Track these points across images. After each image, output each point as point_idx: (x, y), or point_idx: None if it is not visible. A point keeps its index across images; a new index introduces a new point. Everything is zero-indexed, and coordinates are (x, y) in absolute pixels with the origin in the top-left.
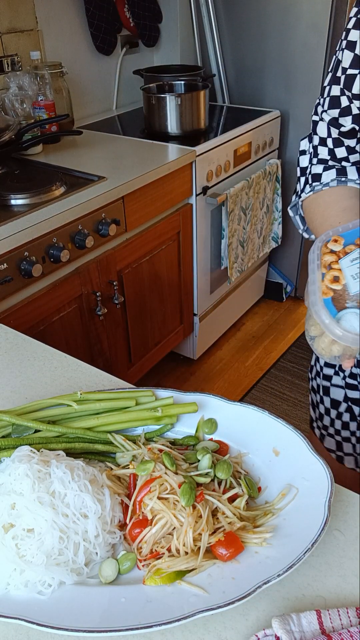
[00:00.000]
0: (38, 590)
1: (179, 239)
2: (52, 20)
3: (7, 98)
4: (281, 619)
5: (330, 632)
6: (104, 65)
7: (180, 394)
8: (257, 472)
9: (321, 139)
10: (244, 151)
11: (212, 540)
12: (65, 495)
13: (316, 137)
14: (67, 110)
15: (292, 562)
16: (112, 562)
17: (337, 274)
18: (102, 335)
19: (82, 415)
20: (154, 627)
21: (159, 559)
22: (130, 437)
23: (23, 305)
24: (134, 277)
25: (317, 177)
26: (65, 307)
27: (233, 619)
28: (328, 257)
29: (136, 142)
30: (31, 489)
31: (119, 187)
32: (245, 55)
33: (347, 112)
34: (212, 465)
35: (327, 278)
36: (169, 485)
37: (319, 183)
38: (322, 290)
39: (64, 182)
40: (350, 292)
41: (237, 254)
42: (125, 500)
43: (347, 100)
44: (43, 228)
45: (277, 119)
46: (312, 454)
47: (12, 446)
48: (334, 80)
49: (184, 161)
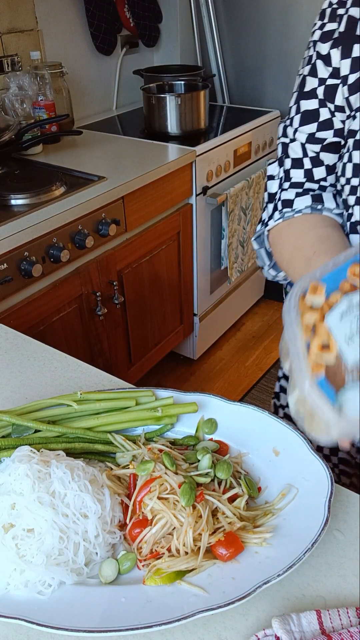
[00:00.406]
0: (38, 590)
1: (179, 239)
2: (52, 20)
3: (7, 98)
4: (281, 619)
5: (330, 632)
6: (104, 65)
7: (180, 394)
8: (257, 472)
9: (295, 161)
10: (244, 151)
11: (212, 540)
12: (65, 495)
13: (288, 160)
14: (67, 110)
15: (292, 562)
16: (112, 562)
17: (326, 340)
18: (102, 335)
19: (82, 415)
20: (154, 627)
21: (159, 559)
22: (130, 437)
23: (23, 305)
24: (134, 277)
25: (289, 203)
26: (65, 307)
27: (233, 619)
28: (309, 316)
29: (136, 142)
30: (31, 489)
31: (119, 187)
32: (245, 55)
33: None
34: (212, 465)
35: (314, 347)
36: (169, 485)
37: (290, 209)
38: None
39: (64, 182)
40: (347, 363)
41: (237, 254)
42: (125, 500)
43: (329, 113)
44: (43, 228)
45: (277, 119)
46: (312, 454)
47: (12, 446)
48: (302, 96)
49: (184, 161)
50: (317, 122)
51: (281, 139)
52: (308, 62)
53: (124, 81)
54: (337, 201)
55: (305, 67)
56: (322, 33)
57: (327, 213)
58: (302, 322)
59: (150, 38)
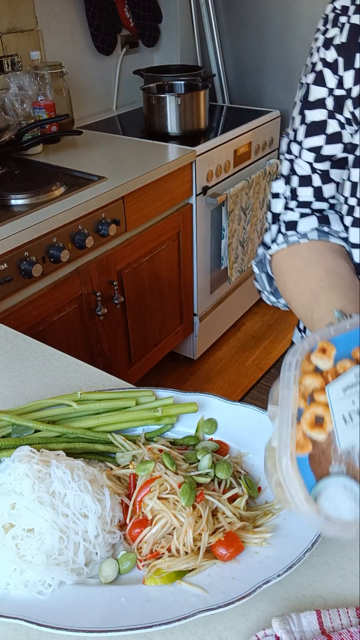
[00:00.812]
0: (38, 590)
1: (179, 239)
2: (52, 20)
3: (7, 98)
4: (281, 619)
5: (330, 632)
6: (104, 65)
7: (180, 394)
8: (257, 472)
9: (303, 178)
10: (244, 151)
11: (212, 540)
12: (65, 495)
13: (295, 177)
14: (67, 110)
15: (292, 562)
16: (112, 562)
17: (321, 412)
18: (102, 335)
19: (82, 415)
20: (154, 627)
21: (159, 559)
22: (130, 437)
23: (23, 305)
24: (134, 277)
25: (293, 225)
26: (65, 307)
27: (233, 619)
28: (311, 380)
29: (136, 142)
30: (31, 489)
31: (119, 187)
32: (245, 55)
33: (336, 139)
34: (212, 465)
35: (306, 419)
36: (169, 485)
37: (294, 232)
38: (297, 441)
39: (64, 182)
40: (339, 447)
41: (237, 254)
42: (125, 500)
43: (338, 126)
44: (43, 228)
45: (277, 119)
46: None
47: (12, 446)
48: (306, 106)
49: (184, 161)
50: (325, 135)
51: (286, 155)
52: (312, 70)
53: (124, 81)
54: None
55: (309, 75)
56: (325, 39)
57: (334, 240)
58: (300, 385)
59: (150, 38)
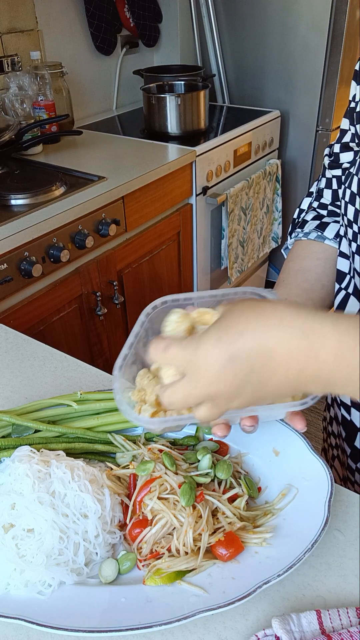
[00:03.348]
0: (38, 590)
1: (179, 239)
2: (52, 20)
3: (7, 98)
4: (281, 619)
5: (330, 632)
6: (104, 65)
7: None
8: (257, 472)
9: (328, 181)
10: (244, 151)
11: (212, 540)
12: (65, 495)
13: (323, 179)
14: (67, 110)
15: (292, 562)
16: (112, 562)
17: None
18: (102, 335)
19: (82, 415)
20: (154, 627)
21: (159, 559)
22: (130, 437)
23: (23, 305)
24: (134, 277)
25: (304, 224)
26: (65, 307)
27: (233, 619)
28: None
29: (136, 142)
30: (31, 489)
31: (119, 187)
32: (245, 55)
33: (346, 148)
34: (212, 465)
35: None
36: (169, 485)
37: (300, 230)
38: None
39: (64, 182)
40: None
41: (237, 254)
42: (125, 500)
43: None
44: (43, 228)
45: (277, 119)
46: (312, 454)
47: (12, 446)
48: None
49: (184, 161)
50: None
51: (325, 158)
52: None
53: (124, 81)
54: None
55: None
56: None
57: (329, 242)
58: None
59: (150, 38)
